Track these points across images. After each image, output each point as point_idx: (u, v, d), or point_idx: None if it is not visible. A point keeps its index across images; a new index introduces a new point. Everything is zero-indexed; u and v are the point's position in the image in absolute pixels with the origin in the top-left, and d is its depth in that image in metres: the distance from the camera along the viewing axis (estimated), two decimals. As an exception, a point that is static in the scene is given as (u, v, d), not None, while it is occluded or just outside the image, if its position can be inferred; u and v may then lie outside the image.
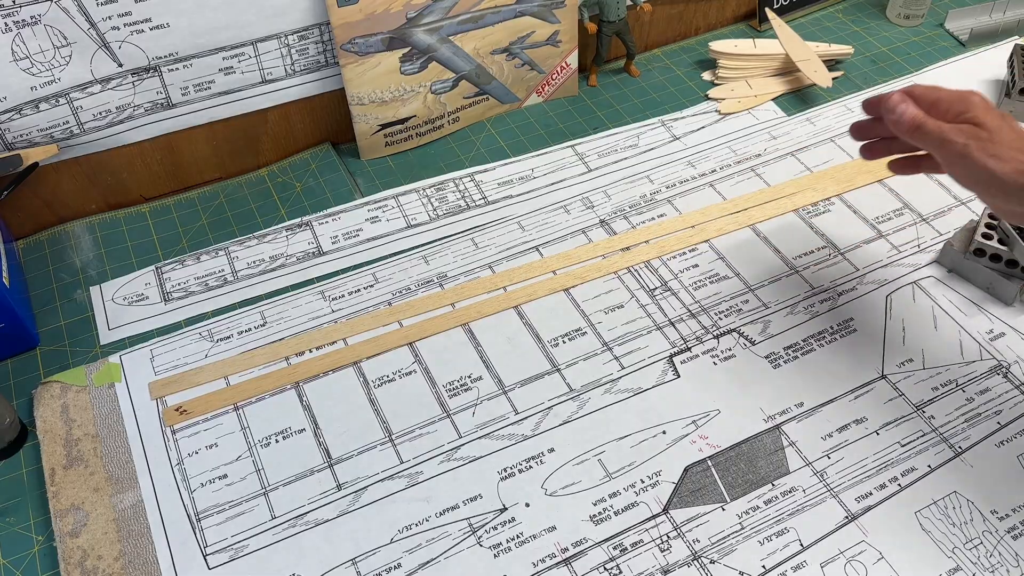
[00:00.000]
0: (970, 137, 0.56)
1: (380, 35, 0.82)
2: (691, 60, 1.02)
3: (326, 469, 0.65)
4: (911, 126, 0.58)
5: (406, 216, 0.84)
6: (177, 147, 0.84)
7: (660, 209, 0.84)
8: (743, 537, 0.60)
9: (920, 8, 1.05)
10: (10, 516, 0.62)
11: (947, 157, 0.57)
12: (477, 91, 0.92)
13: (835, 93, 0.97)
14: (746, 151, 0.90)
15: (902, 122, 0.58)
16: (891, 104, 0.59)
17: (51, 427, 0.66)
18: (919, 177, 0.86)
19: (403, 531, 0.61)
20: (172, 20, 0.75)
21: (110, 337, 0.73)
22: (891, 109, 0.59)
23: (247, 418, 0.68)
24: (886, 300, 0.75)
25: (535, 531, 0.61)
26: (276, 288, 0.77)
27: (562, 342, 0.73)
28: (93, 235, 0.82)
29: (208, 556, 0.60)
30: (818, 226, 0.82)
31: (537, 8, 0.88)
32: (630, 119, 0.95)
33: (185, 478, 0.64)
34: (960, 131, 0.56)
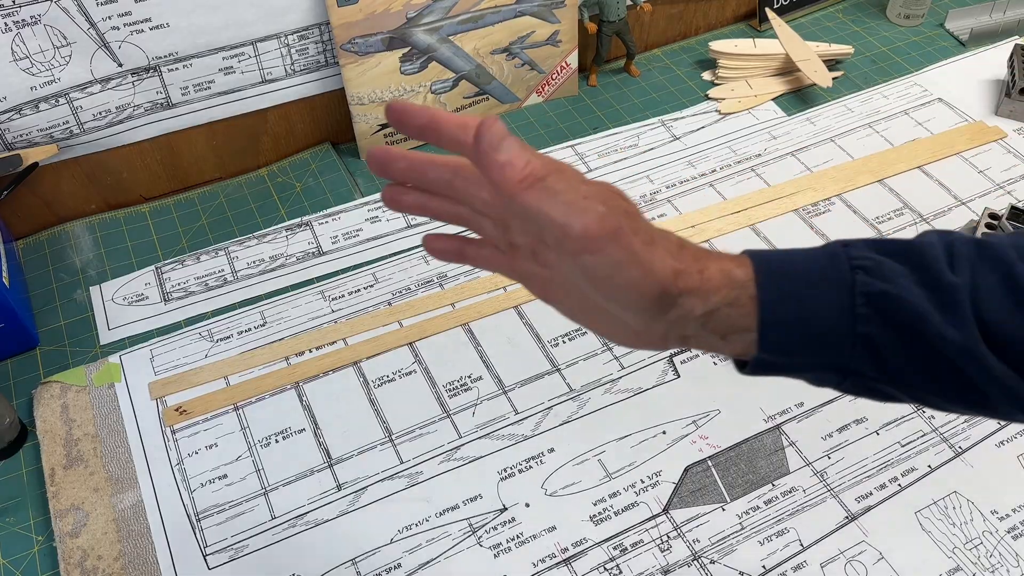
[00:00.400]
0: (619, 212, 0.35)
1: (380, 35, 0.82)
2: (691, 60, 1.02)
3: (326, 469, 0.65)
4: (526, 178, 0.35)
5: (406, 216, 0.84)
6: (177, 147, 0.84)
7: (660, 209, 0.84)
8: (743, 537, 0.60)
9: (920, 8, 1.05)
10: (10, 516, 0.62)
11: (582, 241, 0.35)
12: (477, 91, 0.92)
13: (835, 93, 0.97)
14: (746, 151, 0.90)
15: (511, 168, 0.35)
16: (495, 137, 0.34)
17: (51, 427, 0.66)
18: (919, 177, 0.86)
19: (403, 531, 0.61)
20: (172, 20, 0.75)
21: (110, 337, 0.73)
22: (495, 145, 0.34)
23: (247, 418, 0.68)
24: (886, 300, 0.75)
25: (535, 531, 0.61)
26: (276, 288, 0.77)
27: (562, 342, 0.73)
28: (93, 235, 0.82)
29: (208, 556, 0.60)
30: (818, 226, 0.82)
31: (537, 8, 0.88)
32: (630, 119, 0.95)
33: (185, 478, 0.64)
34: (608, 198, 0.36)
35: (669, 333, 0.38)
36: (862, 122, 0.93)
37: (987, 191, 0.85)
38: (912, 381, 0.37)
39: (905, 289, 0.36)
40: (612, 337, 0.41)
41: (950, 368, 0.36)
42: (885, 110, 0.94)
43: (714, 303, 0.37)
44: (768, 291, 0.37)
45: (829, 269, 0.37)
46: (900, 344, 0.36)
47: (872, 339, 0.36)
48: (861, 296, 0.36)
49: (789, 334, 0.37)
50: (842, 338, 0.37)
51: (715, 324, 0.37)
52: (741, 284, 0.37)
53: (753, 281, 0.37)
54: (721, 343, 0.38)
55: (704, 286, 0.37)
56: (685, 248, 0.38)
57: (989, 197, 0.84)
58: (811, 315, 0.37)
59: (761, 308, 0.37)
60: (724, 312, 0.37)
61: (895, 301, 0.36)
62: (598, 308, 0.39)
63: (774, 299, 0.37)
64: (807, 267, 0.38)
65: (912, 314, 0.36)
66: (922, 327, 0.36)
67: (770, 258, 0.38)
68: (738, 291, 0.37)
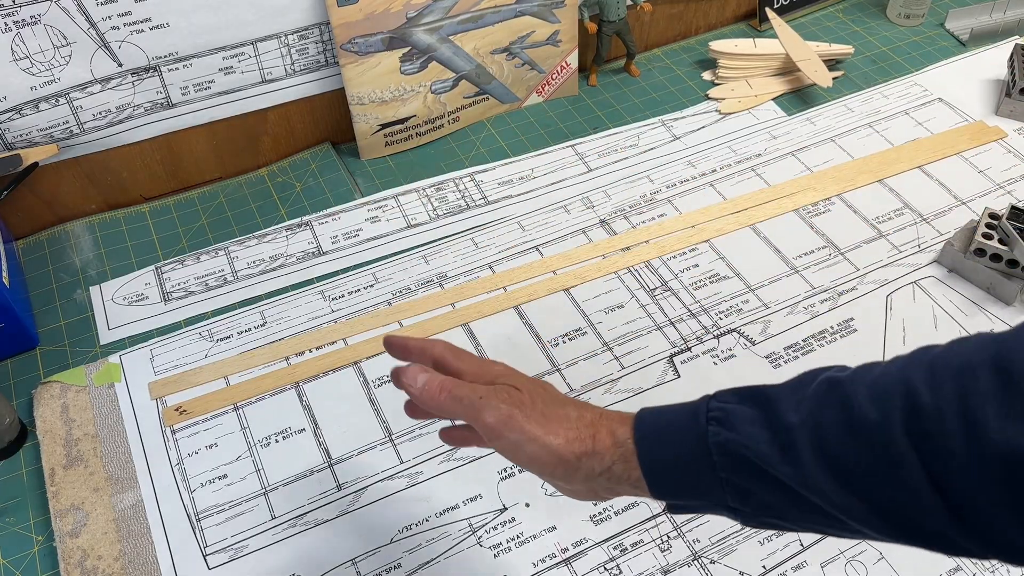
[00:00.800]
0: (514, 404, 0.45)
1: (380, 35, 0.82)
2: (691, 60, 1.02)
3: (326, 469, 0.65)
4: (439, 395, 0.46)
5: (406, 216, 0.84)
6: (177, 147, 0.84)
7: (660, 209, 0.84)
8: (743, 537, 0.60)
9: (920, 8, 1.05)
10: (10, 516, 0.62)
11: (489, 430, 0.45)
12: (477, 91, 0.92)
13: (835, 93, 0.97)
14: (746, 151, 0.90)
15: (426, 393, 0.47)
16: (410, 376, 0.47)
17: (51, 427, 0.66)
18: (919, 177, 0.86)
19: (403, 531, 0.61)
20: (172, 20, 0.75)
21: (110, 337, 0.73)
22: (411, 382, 0.47)
23: (247, 418, 0.68)
24: (886, 300, 0.75)
25: (535, 531, 0.61)
26: (276, 288, 0.77)
27: (562, 342, 0.73)
28: (93, 235, 0.82)
29: (208, 556, 0.60)
30: (818, 226, 0.82)
31: (537, 8, 0.88)
32: (630, 119, 0.95)
33: (185, 478, 0.64)
34: (500, 395, 0.46)
35: (594, 489, 0.46)
36: (862, 122, 0.93)
37: (987, 191, 0.85)
38: (784, 514, 0.41)
39: (747, 435, 0.40)
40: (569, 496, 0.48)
41: (801, 498, 0.39)
42: (885, 110, 0.94)
43: (608, 461, 0.44)
44: (643, 447, 0.43)
45: (691, 422, 0.42)
46: (755, 483, 0.40)
47: (733, 482, 0.41)
48: (714, 446, 0.41)
49: (669, 482, 0.43)
50: (711, 483, 0.41)
51: (616, 478, 0.44)
52: (623, 442, 0.44)
53: (631, 439, 0.44)
54: (636, 491, 0.44)
55: (597, 448, 0.44)
56: (582, 418, 0.45)
57: (989, 197, 0.84)
58: (680, 465, 0.42)
59: (640, 462, 0.43)
60: (618, 467, 0.44)
61: (737, 447, 0.40)
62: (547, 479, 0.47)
63: (648, 453, 0.43)
64: (674, 420, 0.43)
65: (754, 456, 0.40)
66: (764, 467, 0.39)
67: (648, 416, 0.44)
68: (623, 449, 0.44)
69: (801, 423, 0.39)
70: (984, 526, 0.34)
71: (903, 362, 0.38)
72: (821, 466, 0.38)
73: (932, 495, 0.35)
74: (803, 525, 0.41)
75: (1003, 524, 0.33)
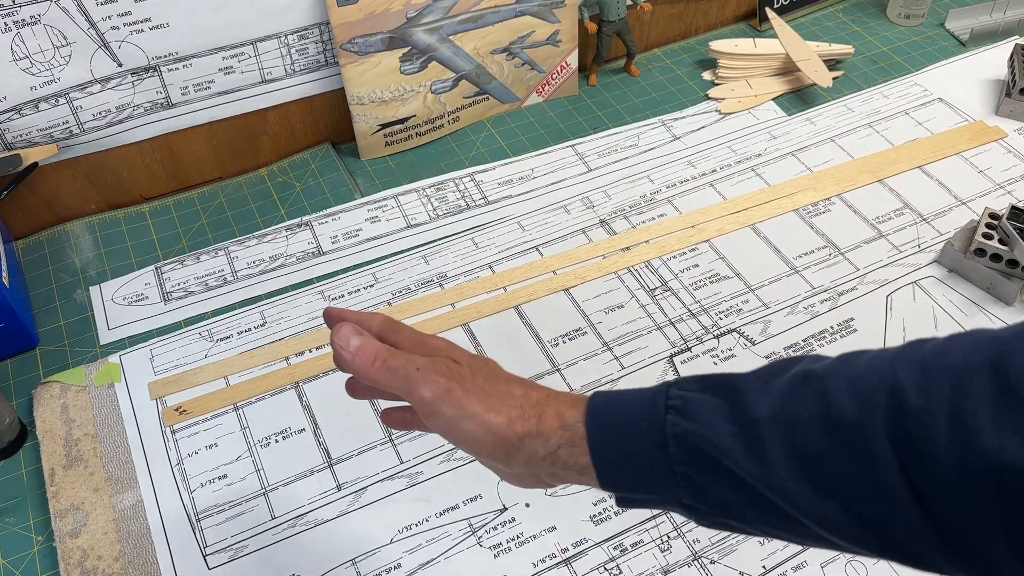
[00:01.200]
0: (452, 378, 0.42)
1: (380, 35, 0.82)
2: (691, 60, 1.02)
3: (326, 469, 0.65)
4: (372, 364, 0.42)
5: (406, 216, 0.84)
6: (177, 147, 0.84)
7: (660, 209, 0.84)
8: (743, 537, 0.60)
9: (920, 8, 1.05)
10: (10, 516, 0.62)
11: (425, 405, 0.41)
12: (477, 91, 0.92)
13: (835, 93, 0.97)
14: (746, 151, 0.90)
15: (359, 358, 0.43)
16: (342, 337, 0.43)
17: (51, 427, 0.66)
18: (919, 177, 0.86)
19: (403, 531, 0.61)
20: (172, 20, 0.75)
21: (110, 337, 0.73)
22: (345, 344, 0.43)
23: (247, 418, 0.68)
24: (886, 300, 0.75)
25: (535, 531, 0.61)
26: (276, 288, 0.77)
27: (562, 342, 0.73)
28: (93, 235, 0.82)
29: (208, 556, 0.60)
30: (818, 226, 0.82)
31: (537, 8, 0.88)
32: (630, 119, 0.95)
33: (185, 478, 0.64)
34: (438, 367, 0.42)
35: (536, 473, 0.42)
36: (862, 122, 0.93)
37: (987, 191, 0.85)
38: (742, 514, 0.38)
39: (708, 427, 0.37)
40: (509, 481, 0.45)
41: (763, 499, 0.36)
42: (885, 110, 0.94)
43: (553, 444, 0.41)
44: (594, 431, 0.40)
45: (648, 410, 0.39)
46: (713, 479, 0.37)
47: (689, 477, 0.38)
48: (671, 437, 0.38)
49: (619, 473, 0.40)
50: (665, 477, 0.38)
51: (562, 463, 0.41)
52: (572, 426, 0.41)
53: (583, 423, 0.40)
54: (582, 479, 0.41)
55: (541, 429, 0.41)
56: (527, 396, 0.42)
57: (989, 197, 0.84)
58: (632, 455, 0.39)
59: (590, 448, 0.40)
60: (564, 452, 0.41)
61: (697, 439, 0.37)
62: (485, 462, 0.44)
63: (599, 440, 0.40)
64: (630, 407, 0.40)
65: (715, 450, 0.37)
66: (726, 462, 0.36)
67: (601, 400, 0.41)
68: (571, 432, 0.40)
69: (771, 417, 0.36)
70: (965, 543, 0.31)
71: (890, 356, 0.35)
72: (791, 466, 0.35)
73: (911, 504, 0.32)
74: (760, 528, 0.38)
75: (986, 542, 0.31)
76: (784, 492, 0.35)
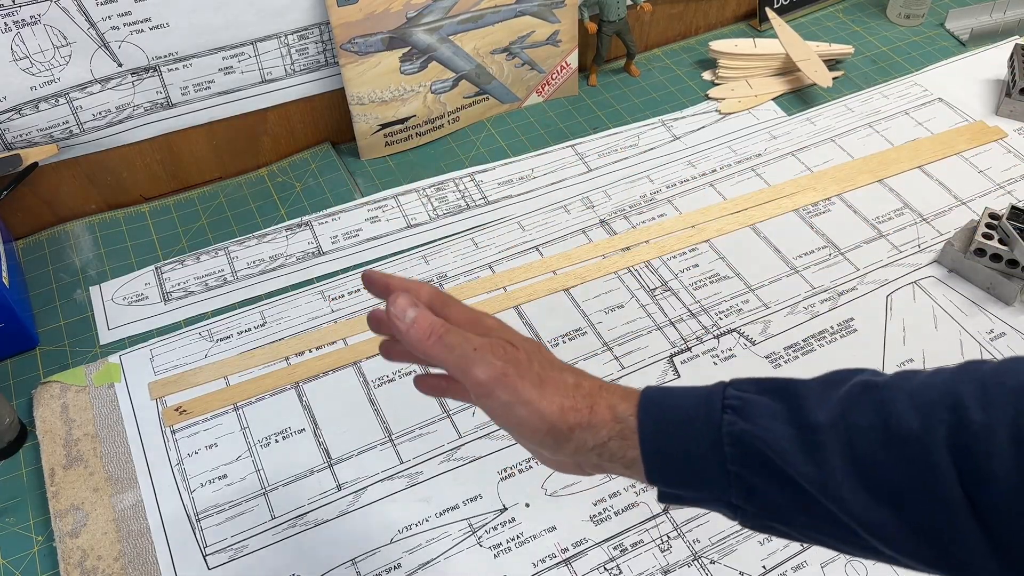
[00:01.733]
0: (509, 361, 0.41)
1: (380, 35, 0.82)
2: (691, 60, 1.02)
3: (326, 469, 0.65)
4: (427, 337, 0.41)
5: (406, 216, 0.84)
6: (177, 147, 0.84)
7: (660, 209, 0.84)
8: (743, 537, 0.60)
9: (920, 8, 1.05)
10: (10, 516, 0.62)
11: (479, 386, 0.41)
12: (477, 91, 0.92)
13: (835, 93, 0.97)
14: (746, 151, 0.90)
15: (414, 331, 0.41)
16: (399, 308, 0.42)
17: (51, 427, 0.66)
18: (919, 177, 0.86)
19: (403, 531, 0.61)
20: (172, 20, 0.75)
21: (110, 337, 0.73)
22: (401, 315, 0.42)
23: (247, 418, 0.68)
24: (886, 300, 0.75)
25: (535, 531, 0.61)
26: (276, 288, 0.77)
27: (562, 342, 0.73)
28: (93, 235, 0.82)
29: (208, 556, 0.60)
30: (818, 226, 0.82)
31: (537, 8, 0.88)
32: (630, 119, 0.95)
33: (185, 478, 0.64)
34: (495, 349, 0.41)
35: (580, 463, 0.42)
36: (862, 122, 0.93)
37: (987, 191, 0.85)
38: (791, 518, 0.38)
39: (766, 429, 0.37)
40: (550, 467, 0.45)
41: (816, 504, 0.37)
42: (885, 110, 0.94)
43: (603, 437, 0.41)
44: (646, 426, 0.40)
45: (704, 408, 0.39)
46: (767, 481, 0.37)
47: (742, 477, 0.38)
48: (727, 436, 0.38)
49: (669, 468, 0.40)
50: (716, 476, 0.39)
51: (610, 455, 0.41)
52: (624, 419, 0.40)
53: (635, 416, 0.40)
54: (628, 472, 0.41)
55: (592, 421, 0.41)
56: (580, 387, 0.42)
57: (989, 197, 0.84)
58: (685, 451, 0.39)
59: (640, 442, 0.40)
60: (613, 444, 0.41)
61: (755, 440, 0.37)
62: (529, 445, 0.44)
63: (651, 434, 0.40)
64: (685, 403, 0.40)
65: (771, 452, 0.37)
66: (781, 464, 0.37)
67: (655, 394, 0.41)
68: (622, 426, 0.40)
69: (831, 424, 0.36)
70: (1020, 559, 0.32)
71: (949, 374, 0.36)
72: (849, 472, 0.35)
73: (967, 516, 0.33)
74: (807, 534, 0.38)
75: None
76: (839, 497, 0.36)
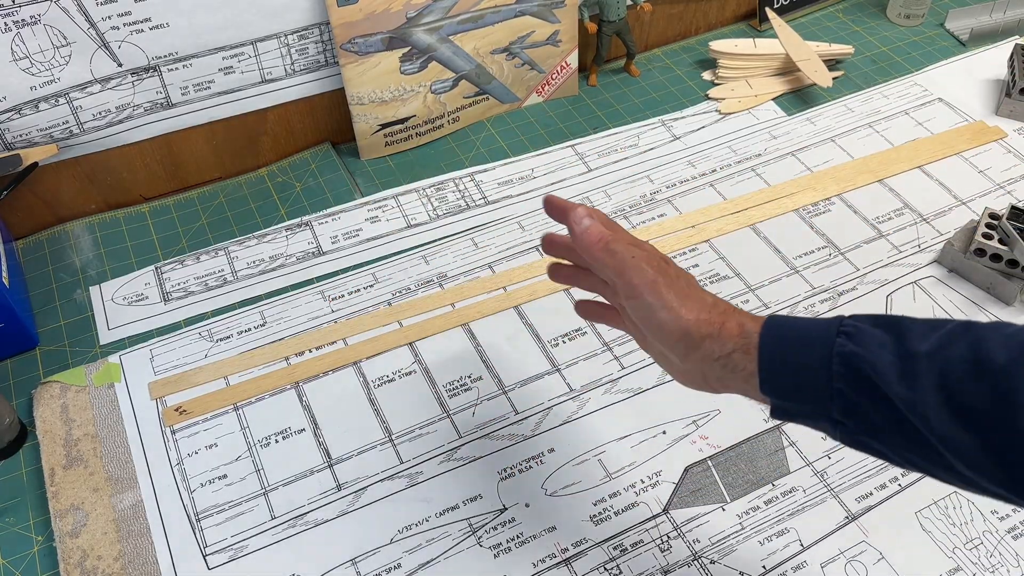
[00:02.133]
0: (660, 272, 0.48)
1: (380, 35, 0.82)
2: (691, 60, 1.02)
3: (326, 469, 0.65)
4: (598, 241, 0.49)
5: (406, 216, 0.84)
6: (177, 147, 0.84)
7: (660, 209, 0.84)
8: (743, 537, 0.60)
9: (920, 8, 1.05)
10: (10, 516, 0.62)
11: (632, 288, 0.48)
12: (477, 91, 0.92)
13: (835, 93, 0.97)
14: (746, 151, 0.90)
15: (587, 235, 0.49)
16: (578, 216, 0.50)
17: (51, 427, 0.66)
18: (919, 177, 0.86)
19: (403, 531, 0.61)
20: (172, 20, 0.75)
21: (110, 337, 0.73)
22: (578, 220, 0.50)
23: (247, 418, 0.68)
24: (887, 300, 0.75)
25: (535, 531, 0.61)
26: (276, 288, 0.77)
27: (562, 342, 0.73)
28: (93, 235, 0.82)
29: (208, 556, 0.60)
30: (818, 226, 0.82)
31: (537, 8, 0.88)
32: (630, 119, 0.95)
33: (185, 478, 0.64)
34: (651, 261, 0.49)
35: (705, 373, 0.48)
36: (862, 122, 0.93)
37: (987, 191, 0.85)
38: (883, 436, 0.43)
39: (873, 353, 0.42)
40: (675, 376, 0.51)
41: (906, 423, 0.41)
42: (885, 110, 0.94)
43: (728, 348, 0.46)
44: (766, 341, 0.45)
45: (821, 331, 0.44)
46: (866, 400, 0.42)
47: (845, 394, 0.43)
48: (837, 356, 0.43)
49: (781, 379, 0.45)
50: (822, 391, 0.43)
51: (732, 367, 0.46)
52: (749, 335, 0.46)
53: (758, 333, 0.46)
54: (745, 387, 0.46)
55: (721, 334, 0.46)
56: (716, 306, 0.48)
57: (989, 197, 0.84)
58: (798, 365, 0.44)
59: (759, 354, 0.45)
60: (737, 356, 0.46)
61: (861, 362, 0.42)
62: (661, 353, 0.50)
63: (770, 348, 0.45)
64: (806, 327, 0.45)
65: (873, 373, 0.41)
66: (880, 385, 0.41)
67: (780, 318, 0.47)
68: (746, 340, 0.46)
69: (928, 354, 0.41)
70: None
71: None
72: (939, 397, 0.40)
73: None
74: (900, 454, 0.43)
75: None
76: (925, 416, 0.40)
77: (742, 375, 0.46)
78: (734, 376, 0.46)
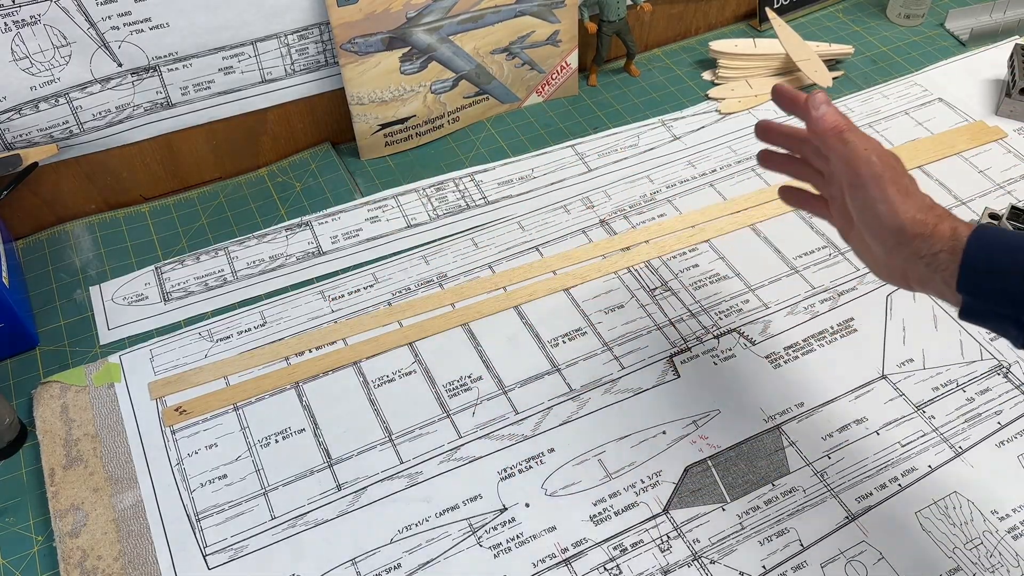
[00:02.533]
0: (887, 167, 0.51)
1: (380, 35, 0.82)
2: (691, 60, 1.02)
3: (326, 469, 0.65)
4: (833, 127, 0.53)
5: (406, 216, 0.84)
6: (177, 147, 0.84)
7: (660, 209, 0.84)
8: (743, 537, 0.60)
9: (920, 8, 1.05)
10: (10, 516, 0.62)
11: (856, 177, 0.52)
12: (477, 91, 0.92)
13: (835, 93, 0.97)
14: (746, 151, 0.90)
15: (823, 120, 0.53)
16: (816, 101, 0.54)
17: (51, 427, 0.66)
18: (919, 177, 0.86)
19: (403, 531, 0.61)
20: (172, 20, 0.75)
21: (110, 337, 0.73)
22: (816, 105, 0.54)
23: (247, 418, 0.68)
24: (886, 300, 0.75)
25: (535, 531, 0.61)
26: (276, 288, 0.77)
27: (562, 342, 0.73)
28: (93, 235, 0.82)
29: (208, 556, 0.60)
30: (818, 226, 0.82)
31: (537, 8, 0.88)
32: (630, 119, 0.95)
33: (185, 478, 0.64)
34: (882, 156, 0.52)
35: (907, 270, 0.51)
36: (862, 122, 0.93)
37: (987, 191, 0.85)
38: None
39: None
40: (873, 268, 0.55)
41: None
42: (885, 110, 0.94)
43: (936, 248, 0.49)
44: (973, 244, 0.48)
45: None
46: None
47: None
48: None
49: (979, 280, 0.47)
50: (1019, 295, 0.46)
51: (936, 265, 0.49)
52: (959, 238, 0.48)
53: (967, 238, 0.48)
54: (944, 289, 0.49)
55: (933, 234, 0.49)
56: (933, 209, 0.51)
57: (989, 197, 0.84)
58: (998, 269, 0.47)
59: (965, 254, 0.48)
60: (943, 256, 0.48)
61: None
62: (865, 243, 0.54)
63: (975, 249, 0.48)
64: (1013, 237, 0.48)
65: None
66: None
67: (992, 228, 0.49)
68: (955, 243, 0.48)
69: None
70: None
71: None
72: None
73: None
74: None
75: None
76: None
77: (943, 275, 0.48)
78: (935, 275, 0.49)
